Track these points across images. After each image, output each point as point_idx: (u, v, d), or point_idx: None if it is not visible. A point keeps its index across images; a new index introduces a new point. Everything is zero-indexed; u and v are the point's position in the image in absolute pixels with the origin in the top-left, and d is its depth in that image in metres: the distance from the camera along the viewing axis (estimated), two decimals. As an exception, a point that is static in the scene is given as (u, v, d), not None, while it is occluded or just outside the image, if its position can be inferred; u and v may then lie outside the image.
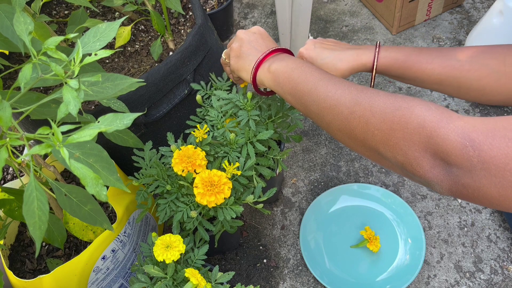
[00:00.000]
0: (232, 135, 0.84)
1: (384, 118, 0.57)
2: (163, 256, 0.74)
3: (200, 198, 0.76)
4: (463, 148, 0.49)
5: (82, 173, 0.47)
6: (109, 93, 0.58)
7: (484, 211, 1.11)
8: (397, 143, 0.55)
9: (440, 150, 0.51)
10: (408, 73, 0.79)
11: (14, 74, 1.03)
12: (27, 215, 0.51)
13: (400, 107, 0.56)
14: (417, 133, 0.53)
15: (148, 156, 0.86)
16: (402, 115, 0.55)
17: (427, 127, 0.52)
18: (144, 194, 0.86)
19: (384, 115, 0.57)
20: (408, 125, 0.54)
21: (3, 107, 0.48)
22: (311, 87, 0.67)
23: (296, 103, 0.70)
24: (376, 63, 0.80)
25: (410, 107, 0.55)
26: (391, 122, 0.56)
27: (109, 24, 0.59)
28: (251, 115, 0.84)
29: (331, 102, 0.63)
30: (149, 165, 0.86)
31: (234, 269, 1.10)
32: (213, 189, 0.76)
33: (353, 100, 0.61)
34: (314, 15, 1.54)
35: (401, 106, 0.56)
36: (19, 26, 0.56)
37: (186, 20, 1.11)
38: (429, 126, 0.52)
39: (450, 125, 0.51)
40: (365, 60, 0.81)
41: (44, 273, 0.85)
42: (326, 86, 0.65)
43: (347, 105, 0.62)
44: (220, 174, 0.78)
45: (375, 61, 0.80)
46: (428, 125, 0.52)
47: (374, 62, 0.80)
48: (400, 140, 0.55)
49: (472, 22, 1.44)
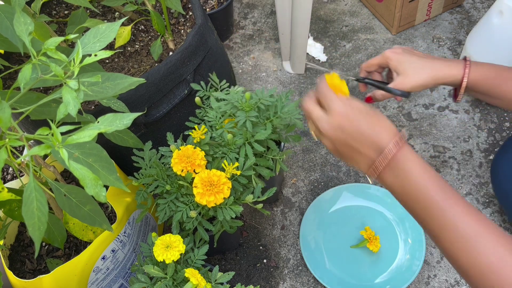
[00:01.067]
0: (229, 136, 0.84)
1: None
2: (163, 256, 0.74)
3: (200, 198, 0.76)
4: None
5: (82, 174, 0.47)
6: (109, 93, 0.58)
7: (484, 211, 1.11)
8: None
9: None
10: (496, 91, 0.76)
11: (14, 74, 1.03)
12: (26, 215, 0.51)
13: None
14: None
15: (148, 156, 0.86)
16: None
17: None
18: (144, 194, 0.86)
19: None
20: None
21: (2, 108, 0.48)
22: (450, 234, 0.60)
23: (429, 233, 0.64)
24: (467, 75, 0.77)
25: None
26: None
27: (109, 25, 0.59)
28: (249, 116, 0.83)
29: (478, 268, 0.57)
30: (148, 165, 0.86)
31: (234, 269, 1.10)
32: (213, 189, 0.76)
33: (506, 272, 0.55)
34: (314, 15, 1.54)
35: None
36: (19, 26, 0.56)
37: (186, 20, 1.11)
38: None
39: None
40: (455, 72, 0.78)
41: (44, 273, 0.85)
42: (454, 225, 0.59)
43: (500, 275, 0.55)
44: (219, 174, 0.78)
45: (465, 73, 0.77)
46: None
47: (464, 75, 0.77)
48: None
49: (472, 22, 1.44)
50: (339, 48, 1.45)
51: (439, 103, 1.29)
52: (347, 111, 0.66)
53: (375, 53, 1.42)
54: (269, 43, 1.50)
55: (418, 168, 0.64)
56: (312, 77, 1.40)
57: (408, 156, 0.64)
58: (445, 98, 1.30)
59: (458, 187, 1.15)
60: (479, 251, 0.57)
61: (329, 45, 1.46)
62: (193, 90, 1.03)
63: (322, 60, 1.43)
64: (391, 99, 1.31)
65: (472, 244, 0.58)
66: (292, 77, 1.41)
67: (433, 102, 1.30)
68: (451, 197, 0.61)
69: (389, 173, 0.65)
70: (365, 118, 0.66)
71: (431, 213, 0.61)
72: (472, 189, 1.14)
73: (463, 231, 0.59)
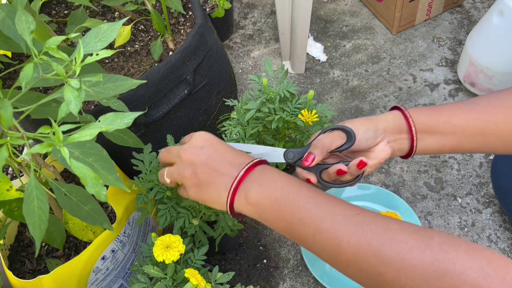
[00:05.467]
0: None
1: (428, 286, 0.46)
2: (163, 257, 0.73)
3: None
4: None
5: (83, 173, 0.47)
6: (110, 93, 0.58)
7: (484, 211, 1.11)
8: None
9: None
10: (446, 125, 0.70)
11: (14, 74, 1.03)
12: (27, 214, 0.51)
13: (446, 271, 0.46)
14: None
15: (148, 159, 0.85)
16: (452, 285, 0.45)
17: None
18: (144, 199, 0.85)
19: (427, 283, 0.46)
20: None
21: (4, 106, 0.48)
22: (313, 232, 0.56)
23: (299, 243, 0.59)
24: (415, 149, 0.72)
25: (459, 272, 0.45)
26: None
27: (111, 24, 0.59)
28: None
29: (348, 256, 0.53)
30: (148, 169, 0.85)
31: (234, 269, 1.10)
32: None
33: (376, 255, 0.50)
34: (314, 15, 1.54)
35: (447, 269, 0.46)
36: (21, 25, 0.56)
37: (186, 20, 1.11)
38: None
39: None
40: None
41: (43, 273, 0.85)
42: (333, 228, 0.54)
43: (371, 262, 0.51)
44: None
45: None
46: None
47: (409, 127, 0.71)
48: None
49: (473, 22, 1.44)
50: (339, 48, 1.45)
51: (439, 103, 1.29)
52: (209, 137, 0.66)
53: (375, 53, 1.42)
54: (269, 43, 1.50)
55: (283, 175, 0.61)
56: (312, 77, 1.40)
57: (270, 167, 0.63)
58: (445, 98, 1.30)
59: (458, 187, 1.15)
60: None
61: (329, 45, 1.46)
62: (193, 90, 1.02)
63: (322, 60, 1.43)
64: (391, 99, 1.31)
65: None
66: (292, 77, 1.40)
67: (433, 102, 1.30)
68: (321, 194, 0.58)
69: (253, 186, 0.61)
70: (227, 145, 0.66)
71: (304, 214, 0.57)
72: (472, 189, 1.14)
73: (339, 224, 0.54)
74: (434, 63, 1.38)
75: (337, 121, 1.30)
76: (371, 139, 0.69)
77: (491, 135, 0.68)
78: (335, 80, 1.39)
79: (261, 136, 0.88)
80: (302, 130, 0.85)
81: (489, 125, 0.68)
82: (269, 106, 0.82)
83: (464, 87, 1.30)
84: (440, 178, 1.17)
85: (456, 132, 0.69)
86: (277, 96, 0.83)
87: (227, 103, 0.89)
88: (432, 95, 1.31)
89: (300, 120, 0.81)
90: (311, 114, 0.81)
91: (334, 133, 0.69)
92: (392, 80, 1.36)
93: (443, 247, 0.48)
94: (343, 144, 0.69)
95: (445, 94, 1.31)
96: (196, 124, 1.08)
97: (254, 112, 0.83)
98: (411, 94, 1.32)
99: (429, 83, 1.34)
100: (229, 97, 1.16)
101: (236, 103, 0.89)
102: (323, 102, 1.34)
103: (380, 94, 1.33)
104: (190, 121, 1.06)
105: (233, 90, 1.21)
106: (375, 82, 1.36)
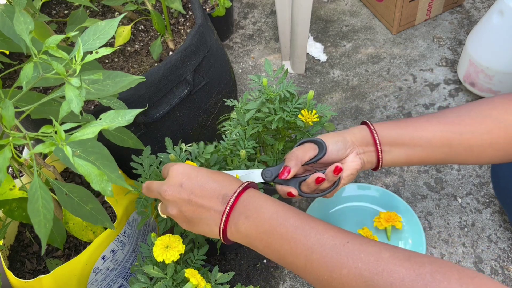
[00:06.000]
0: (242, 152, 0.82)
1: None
2: (163, 257, 0.73)
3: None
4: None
5: (87, 170, 0.47)
6: (110, 91, 0.58)
7: (484, 211, 1.11)
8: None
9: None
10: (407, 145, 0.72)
11: (13, 74, 1.03)
12: (32, 213, 0.51)
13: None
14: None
15: (147, 162, 0.84)
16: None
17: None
18: (144, 202, 0.85)
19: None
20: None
21: (5, 106, 0.48)
22: (304, 263, 0.56)
23: (293, 272, 0.59)
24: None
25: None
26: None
27: (109, 21, 0.58)
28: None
29: (341, 287, 0.53)
30: (148, 173, 0.84)
31: (234, 269, 1.09)
32: None
33: (368, 286, 0.51)
34: (314, 15, 1.54)
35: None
36: (19, 25, 0.56)
37: (186, 20, 1.11)
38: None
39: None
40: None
41: (43, 273, 0.85)
42: (323, 260, 0.55)
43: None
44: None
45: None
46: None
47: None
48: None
49: (473, 22, 1.45)
50: (339, 48, 1.45)
51: (439, 103, 1.29)
52: (185, 169, 0.65)
53: (375, 53, 1.42)
54: (269, 43, 1.50)
55: (270, 202, 0.61)
56: (312, 77, 1.40)
57: (255, 194, 0.63)
58: (445, 98, 1.30)
59: (458, 187, 1.15)
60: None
61: (329, 45, 1.46)
62: (193, 90, 1.02)
63: (322, 60, 1.43)
64: (391, 99, 1.31)
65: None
66: (292, 77, 1.40)
67: (433, 102, 1.30)
68: (309, 221, 0.59)
69: (240, 219, 0.61)
70: (206, 174, 0.64)
71: (293, 245, 0.57)
72: (472, 189, 1.14)
73: (328, 249, 0.55)
74: (434, 63, 1.38)
75: (337, 121, 1.30)
76: (341, 150, 0.72)
77: (458, 146, 0.70)
78: (335, 80, 1.39)
79: (261, 136, 0.88)
80: (302, 130, 0.86)
81: (455, 136, 0.69)
82: (269, 106, 0.82)
83: (464, 87, 1.30)
84: (440, 178, 1.17)
85: (423, 144, 0.71)
86: (277, 96, 0.83)
87: (227, 103, 0.89)
88: (432, 95, 1.31)
89: (300, 120, 0.82)
90: (311, 114, 0.81)
91: (306, 145, 0.72)
92: (392, 80, 1.36)
93: (436, 276, 0.48)
94: (315, 155, 0.72)
95: (445, 94, 1.31)
96: (196, 124, 1.08)
97: (254, 112, 0.83)
98: (411, 94, 1.32)
99: (429, 83, 1.34)
100: (229, 97, 1.16)
101: (236, 103, 0.89)
102: (323, 102, 1.34)
103: (380, 94, 1.33)
104: (190, 121, 1.06)
105: (233, 90, 1.21)
106: (375, 82, 1.36)
